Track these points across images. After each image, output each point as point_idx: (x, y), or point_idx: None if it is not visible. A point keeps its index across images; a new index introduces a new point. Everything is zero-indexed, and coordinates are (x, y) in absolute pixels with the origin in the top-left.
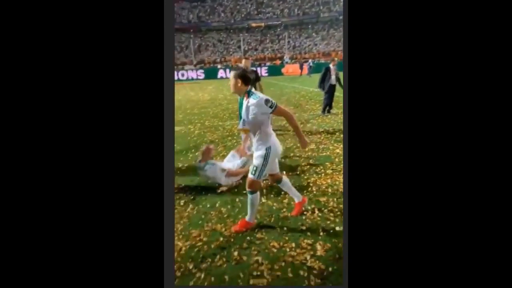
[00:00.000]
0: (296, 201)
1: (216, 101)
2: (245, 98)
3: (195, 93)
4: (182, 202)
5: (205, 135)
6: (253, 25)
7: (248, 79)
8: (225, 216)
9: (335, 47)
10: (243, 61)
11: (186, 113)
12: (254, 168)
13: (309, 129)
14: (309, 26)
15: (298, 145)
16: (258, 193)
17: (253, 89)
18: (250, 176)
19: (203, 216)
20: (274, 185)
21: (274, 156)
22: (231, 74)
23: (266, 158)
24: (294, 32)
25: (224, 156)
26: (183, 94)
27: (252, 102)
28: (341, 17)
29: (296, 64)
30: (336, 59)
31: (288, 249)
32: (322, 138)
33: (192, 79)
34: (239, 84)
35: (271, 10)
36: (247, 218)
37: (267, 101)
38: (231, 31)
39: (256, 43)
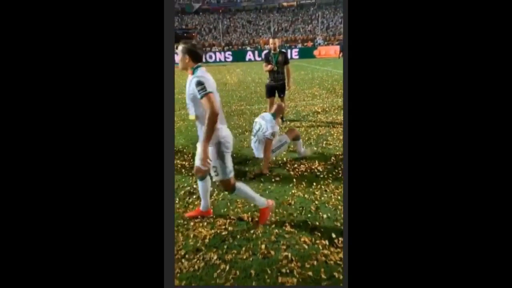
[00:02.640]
0: (260, 207)
1: (244, 84)
2: (189, 76)
3: (222, 75)
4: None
5: (232, 118)
6: (285, 4)
7: (197, 55)
8: (252, 204)
9: None
10: (270, 40)
11: None
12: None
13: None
14: None
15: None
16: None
17: (200, 66)
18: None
19: (228, 204)
20: (305, 174)
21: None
22: (178, 49)
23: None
24: (328, 12)
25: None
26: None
27: (189, 79)
28: None
29: (329, 46)
30: None
31: (321, 247)
32: None
33: (220, 61)
34: (187, 61)
35: None
36: (201, 207)
37: (199, 83)
38: (261, 11)
39: (287, 24)
